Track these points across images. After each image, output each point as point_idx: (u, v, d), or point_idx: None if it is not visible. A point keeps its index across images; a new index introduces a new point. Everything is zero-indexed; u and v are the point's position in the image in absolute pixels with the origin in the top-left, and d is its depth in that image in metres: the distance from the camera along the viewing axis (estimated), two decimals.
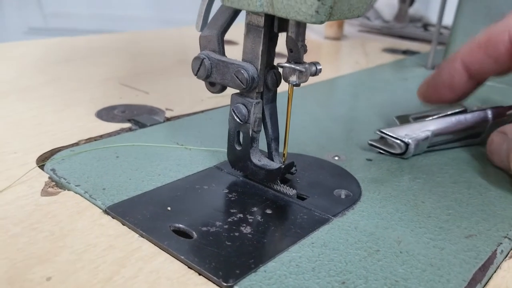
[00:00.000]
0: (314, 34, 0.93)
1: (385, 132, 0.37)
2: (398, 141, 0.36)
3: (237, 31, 0.30)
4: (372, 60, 0.75)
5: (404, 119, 0.42)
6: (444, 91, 0.37)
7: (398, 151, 0.37)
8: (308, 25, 0.27)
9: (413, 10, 1.10)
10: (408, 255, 0.25)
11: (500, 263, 0.26)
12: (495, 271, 0.25)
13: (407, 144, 0.36)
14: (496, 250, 0.26)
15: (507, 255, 0.27)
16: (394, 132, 0.37)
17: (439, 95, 0.37)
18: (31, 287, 0.21)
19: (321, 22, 0.25)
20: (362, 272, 0.24)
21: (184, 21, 0.87)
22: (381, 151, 0.37)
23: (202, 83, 0.31)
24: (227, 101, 0.30)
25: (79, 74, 0.55)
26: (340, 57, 0.81)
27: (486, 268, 0.25)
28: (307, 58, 0.28)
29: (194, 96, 0.49)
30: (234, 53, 0.33)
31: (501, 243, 0.27)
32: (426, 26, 1.06)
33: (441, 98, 0.37)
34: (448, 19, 0.72)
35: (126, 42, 0.75)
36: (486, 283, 0.24)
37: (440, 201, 0.31)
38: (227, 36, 0.31)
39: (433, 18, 1.11)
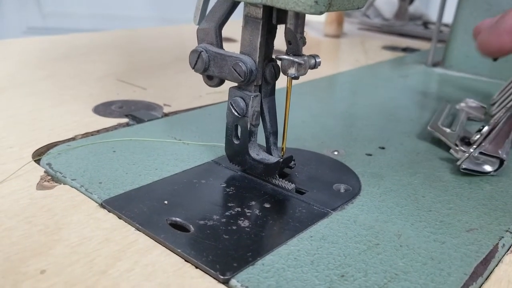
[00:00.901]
0: (314, 32, 0.93)
1: (484, 152, 0.34)
2: (494, 159, 0.34)
3: (235, 27, 0.30)
4: (372, 58, 0.74)
5: (439, 129, 0.40)
6: (506, 37, 0.34)
7: (490, 169, 0.34)
8: (308, 22, 0.27)
9: (413, 8, 1.10)
10: (408, 248, 0.25)
11: (502, 257, 0.26)
12: (496, 265, 0.25)
13: (502, 161, 0.34)
14: (497, 244, 0.26)
15: (508, 249, 0.26)
16: (488, 150, 0.34)
17: (501, 42, 0.34)
18: (25, 280, 0.21)
19: (321, 13, 0.25)
20: (361, 265, 0.23)
21: (183, 20, 0.86)
22: (475, 173, 0.34)
23: (200, 79, 0.31)
24: (225, 97, 0.30)
25: (77, 71, 0.54)
26: (339, 54, 0.81)
27: (487, 262, 0.24)
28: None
29: (192, 92, 0.49)
30: (232, 50, 0.33)
31: (502, 237, 0.26)
32: (426, 24, 1.06)
33: (503, 45, 0.34)
34: (448, 17, 0.72)
35: (124, 39, 0.75)
36: (488, 276, 0.24)
37: (440, 195, 0.31)
38: (225, 33, 0.30)
39: (433, 16, 1.10)
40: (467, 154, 0.34)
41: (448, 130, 0.39)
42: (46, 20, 1.80)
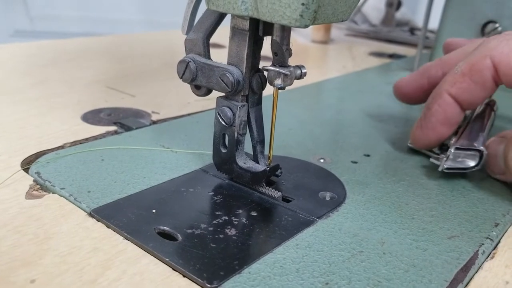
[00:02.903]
0: (301, 38, 0.93)
1: (459, 147, 0.35)
2: (473, 152, 0.34)
3: (223, 34, 0.31)
4: (359, 64, 0.75)
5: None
6: (441, 128, 0.36)
7: (472, 163, 0.35)
8: (295, 28, 0.27)
9: (400, 14, 1.11)
10: (391, 256, 0.25)
11: (482, 264, 0.26)
12: (476, 272, 0.26)
13: (481, 153, 0.34)
14: (477, 251, 0.26)
15: (488, 256, 0.27)
16: (464, 144, 0.35)
17: (438, 134, 0.36)
18: None
19: (306, 26, 0.25)
20: (345, 273, 0.24)
21: (172, 23, 0.87)
22: (459, 171, 0.35)
23: (188, 86, 0.31)
24: (214, 105, 0.31)
25: (65, 77, 0.54)
26: (327, 60, 0.81)
27: (467, 269, 0.25)
28: (294, 61, 0.29)
29: (180, 99, 0.49)
30: (221, 56, 0.33)
31: (482, 244, 0.27)
32: (412, 30, 1.07)
33: (440, 136, 0.36)
34: (434, 23, 0.73)
35: (113, 45, 0.75)
36: (468, 283, 0.25)
37: (423, 203, 0.31)
38: (213, 40, 0.31)
39: (419, 22, 1.12)
40: (447, 154, 0.35)
41: None
42: (33, 23, 1.79)
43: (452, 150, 0.34)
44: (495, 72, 0.33)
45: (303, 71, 0.29)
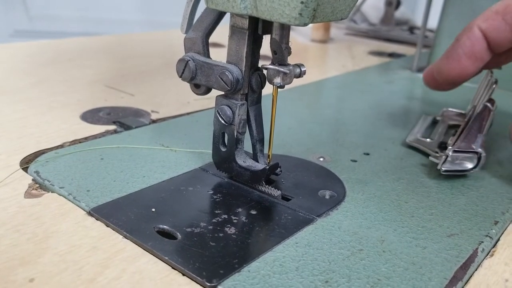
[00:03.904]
0: (301, 37, 0.93)
1: (457, 149, 0.35)
2: (471, 154, 0.35)
3: (223, 33, 0.31)
4: (358, 63, 0.75)
5: (419, 141, 0.40)
6: (466, 61, 0.35)
7: (470, 166, 0.35)
8: (294, 27, 0.27)
9: (399, 13, 1.11)
10: (391, 254, 0.25)
11: (481, 261, 0.26)
12: (476, 269, 0.26)
13: (479, 155, 0.34)
14: (477, 249, 0.26)
15: (488, 254, 0.27)
16: (462, 146, 0.35)
17: (462, 67, 0.35)
18: None
19: (305, 24, 0.25)
20: (345, 271, 0.24)
21: (172, 23, 0.87)
22: (457, 173, 0.35)
23: (188, 85, 0.31)
24: (213, 103, 0.31)
25: (65, 77, 0.54)
26: (326, 59, 0.81)
27: (467, 266, 0.25)
28: (293, 60, 0.29)
29: (180, 98, 0.49)
30: (220, 55, 0.33)
31: (482, 242, 0.27)
32: (412, 29, 1.07)
33: (464, 70, 0.35)
34: (433, 22, 0.73)
35: (112, 44, 0.75)
36: (467, 281, 0.25)
37: (423, 201, 0.31)
38: (213, 38, 0.31)
39: (419, 21, 1.12)
40: (444, 157, 0.35)
41: (428, 139, 0.40)
42: (33, 23, 1.79)
43: (450, 153, 0.34)
44: None
45: (303, 69, 0.29)
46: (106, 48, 0.72)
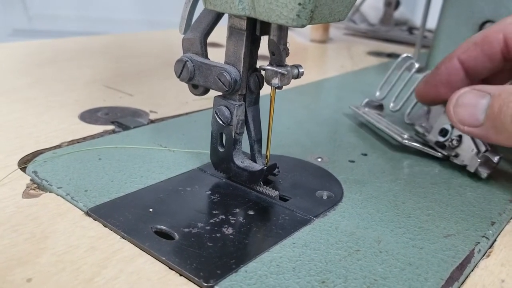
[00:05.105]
0: (300, 37, 0.94)
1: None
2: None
3: (221, 33, 0.31)
4: (357, 63, 0.75)
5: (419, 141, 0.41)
6: (442, 89, 0.38)
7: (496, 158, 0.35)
8: (294, 28, 0.27)
9: (398, 14, 1.11)
10: (388, 254, 0.25)
11: (478, 262, 0.26)
12: (472, 270, 0.26)
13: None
14: (473, 250, 0.27)
15: (484, 254, 0.27)
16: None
17: (438, 93, 0.38)
18: None
19: (302, 26, 0.25)
20: (342, 271, 0.24)
21: (171, 23, 0.87)
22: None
23: (186, 86, 0.31)
24: (211, 104, 0.31)
25: (63, 76, 0.54)
26: (325, 60, 0.81)
27: (463, 267, 0.25)
28: (292, 60, 0.29)
29: (178, 98, 0.49)
30: (219, 55, 0.33)
31: (478, 243, 0.27)
32: (411, 29, 1.07)
33: (439, 96, 0.38)
34: (432, 23, 0.73)
35: (111, 44, 0.75)
36: (463, 281, 0.25)
37: (420, 201, 0.31)
38: (211, 38, 0.31)
39: (418, 21, 1.12)
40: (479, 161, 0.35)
41: (426, 134, 0.41)
42: (32, 23, 1.79)
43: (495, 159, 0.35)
44: (505, 46, 0.35)
45: (300, 70, 0.29)
46: (105, 47, 0.72)
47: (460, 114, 0.34)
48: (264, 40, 0.29)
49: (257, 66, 0.30)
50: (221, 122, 0.30)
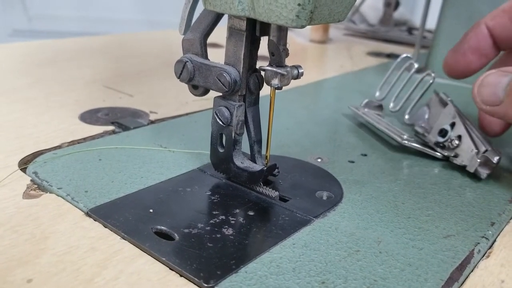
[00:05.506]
0: (300, 38, 0.94)
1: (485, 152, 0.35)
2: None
3: (221, 33, 0.31)
4: (357, 64, 0.75)
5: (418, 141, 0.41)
6: (471, 56, 0.37)
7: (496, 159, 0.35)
8: (293, 28, 0.27)
9: (398, 14, 1.11)
10: (387, 255, 0.26)
11: (477, 263, 0.26)
12: (472, 270, 0.26)
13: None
14: (473, 250, 0.27)
15: (484, 255, 0.27)
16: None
17: (467, 62, 0.37)
18: None
19: (302, 27, 0.25)
20: (341, 272, 0.24)
21: (171, 23, 0.87)
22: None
23: (186, 86, 0.31)
24: (211, 104, 0.31)
25: (63, 77, 0.54)
26: (325, 60, 0.81)
27: (463, 268, 0.25)
28: (292, 61, 0.29)
29: (178, 98, 0.50)
30: (219, 55, 0.33)
31: (478, 243, 0.27)
32: (410, 29, 1.07)
33: (469, 65, 0.37)
34: (432, 23, 0.73)
35: (111, 44, 0.75)
36: (463, 282, 0.25)
37: (420, 202, 0.32)
38: (212, 39, 0.31)
39: (417, 21, 1.12)
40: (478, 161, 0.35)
41: (428, 135, 0.41)
42: (32, 23, 1.79)
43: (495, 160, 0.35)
44: None
45: (300, 71, 0.29)
46: (105, 48, 0.72)
47: (483, 93, 0.33)
48: (264, 41, 0.29)
49: (257, 66, 0.30)
50: (221, 122, 0.30)
